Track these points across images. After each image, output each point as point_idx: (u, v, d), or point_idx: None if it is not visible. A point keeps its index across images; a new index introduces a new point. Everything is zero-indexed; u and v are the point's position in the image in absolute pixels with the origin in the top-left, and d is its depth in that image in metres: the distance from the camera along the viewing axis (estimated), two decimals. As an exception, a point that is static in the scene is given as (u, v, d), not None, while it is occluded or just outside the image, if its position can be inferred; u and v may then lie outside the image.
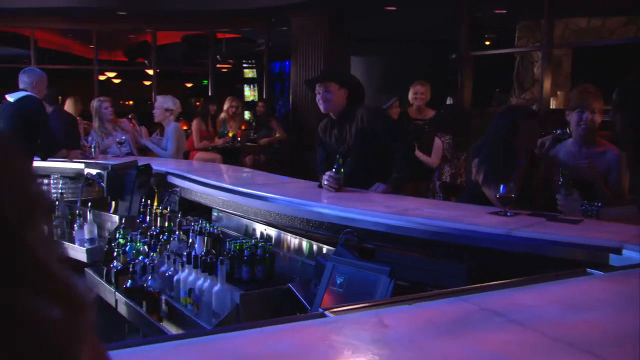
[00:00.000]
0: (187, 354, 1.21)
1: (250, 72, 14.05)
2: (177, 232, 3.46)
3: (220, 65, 12.38)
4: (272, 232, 3.44)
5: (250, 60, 13.94)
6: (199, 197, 4.03)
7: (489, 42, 11.58)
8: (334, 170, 3.44)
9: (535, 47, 8.99)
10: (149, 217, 3.85)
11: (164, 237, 3.44)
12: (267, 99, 10.65)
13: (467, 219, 2.61)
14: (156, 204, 4.10)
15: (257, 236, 3.49)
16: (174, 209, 4.01)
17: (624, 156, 3.00)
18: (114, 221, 4.14)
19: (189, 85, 18.76)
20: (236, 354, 1.23)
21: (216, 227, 3.46)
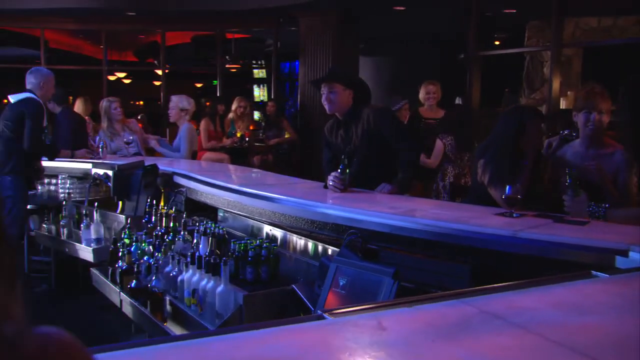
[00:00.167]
0: (180, 357, 1.20)
1: (260, 73, 14.03)
2: (182, 233, 3.46)
3: (229, 65, 12.39)
4: (278, 232, 3.43)
5: (260, 60, 13.93)
6: (204, 197, 4.03)
7: (498, 42, 11.50)
8: (339, 170, 3.43)
9: (543, 47, 8.92)
10: (154, 217, 3.86)
11: (169, 238, 3.44)
12: (276, 99, 10.65)
13: (472, 220, 2.59)
14: (162, 204, 4.10)
15: (263, 237, 3.48)
16: (180, 209, 4.01)
17: (631, 157, 2.96)
18: (121, 221, 4.16)
19: (199, 85, 18.83)
20: (232, 357, 1.22)
21: (221, 228, 3.45)
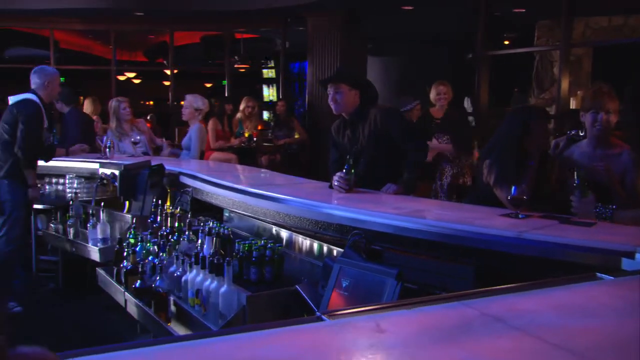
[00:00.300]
0: (183, 357, 1.19)
1: (269, 73, 14.04)
2: (187, 233, 3.46)
3: (238, 65, 12.41)
4: (283, 233, 3.43)
5: (269, 60, 13.95)
6: (210, 197, 4.03)
7: (507, 42, 11.45)
8: (344, 171, 3.41)
9: (552, 46, 8.85)
10: (159, 217, 3.86)
11: (173, 238, 3.44)
12: (285, 98, 10.64)
13: (477, 221, 2.56)
14: (168, 203, 4.10)
15: (269, 237, 3.47)
16: (185, 209, 4.01)
17: (638, 157, 2.93)
18: (127, 221, 4.16)
19: (209, 85, 18.87)
20: (232, 358, 1.21)
21: (227, 228, 3.45)
